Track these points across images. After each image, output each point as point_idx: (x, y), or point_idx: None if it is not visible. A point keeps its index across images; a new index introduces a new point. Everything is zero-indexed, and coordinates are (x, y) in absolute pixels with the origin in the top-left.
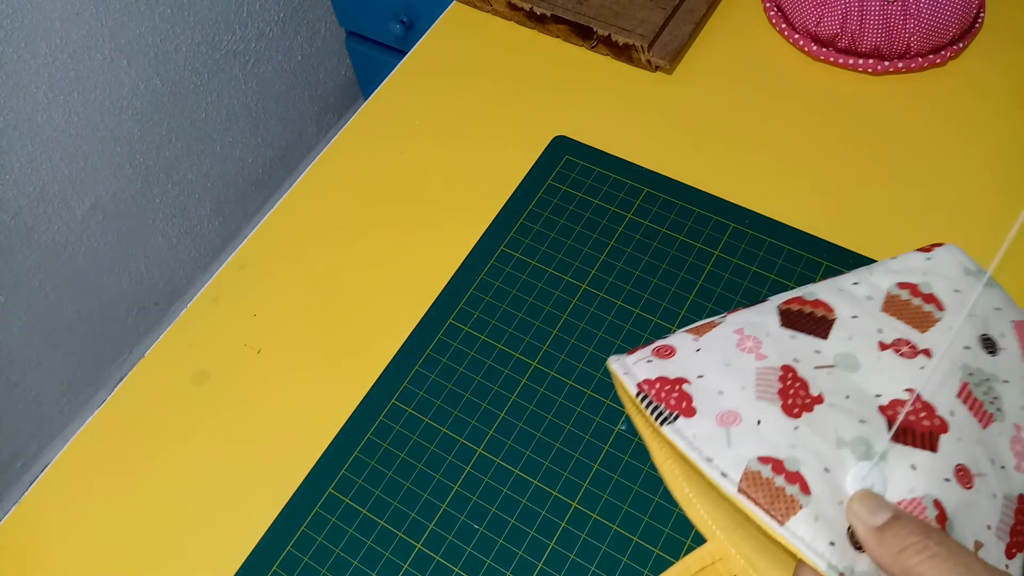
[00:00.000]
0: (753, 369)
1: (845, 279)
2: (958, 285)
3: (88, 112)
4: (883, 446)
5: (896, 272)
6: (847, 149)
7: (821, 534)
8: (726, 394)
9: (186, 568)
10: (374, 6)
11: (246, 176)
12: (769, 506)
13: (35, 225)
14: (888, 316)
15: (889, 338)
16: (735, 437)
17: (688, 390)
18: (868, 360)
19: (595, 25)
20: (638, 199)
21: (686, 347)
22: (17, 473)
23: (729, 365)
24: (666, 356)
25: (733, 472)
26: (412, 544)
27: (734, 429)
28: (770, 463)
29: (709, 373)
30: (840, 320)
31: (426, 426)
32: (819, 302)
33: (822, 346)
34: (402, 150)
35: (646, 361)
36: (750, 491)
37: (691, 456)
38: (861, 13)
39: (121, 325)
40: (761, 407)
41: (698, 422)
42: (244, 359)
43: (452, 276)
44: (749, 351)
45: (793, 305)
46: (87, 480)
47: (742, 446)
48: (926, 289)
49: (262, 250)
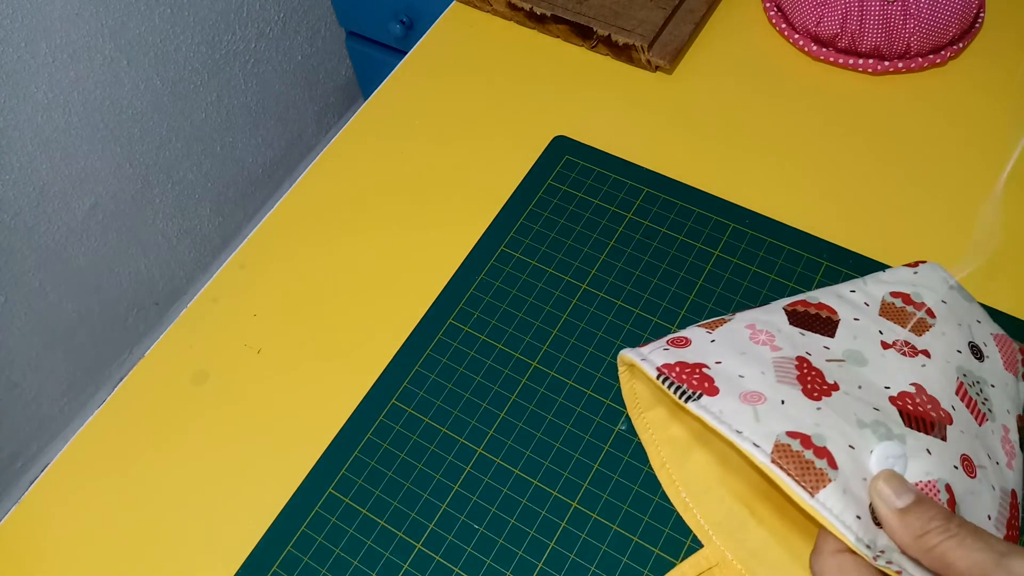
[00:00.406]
0: (769, 358)
1: (842, 287)
2: (944, 297)
3: (88, 112)
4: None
5: (888, 283)
6: (847, 149)
7: (849, 507)
8: (747, 378)
9: (186, 568)
10: (374, 6)
11: (246, 176)
12: (800, 477)
13: (35, 225)
14: (886, 320)
15: (890, 339)
16: (762, 413)
17: (708, 373)
18: (874, 356)
19: (595, 25)
20: (638, 199)
21: (700, 338)
22: (17, 473)
23: (745, 354)
24: (682, 345)
25: (764, 444)
26: (412, 544)
27: (760, 407)
28: (798, 438)
29: (727, 360)
30: (844, 321)
31: (426, 426)
32: (822, 305)
33: (830, 343)
34: (402, 150)
35: (662, 349)
36: (781, 462)
37: (720, 429)
38: (861, 13)
39: (121, 325)
40: (783, 389)
41: (723, 400)
42: (244, 359)
43: (452, 276)
44: (763, 343)
45: (798, 307)
46: (87, 480)
47: (770, 421)
48: (917, 299)
49: (262, 250)
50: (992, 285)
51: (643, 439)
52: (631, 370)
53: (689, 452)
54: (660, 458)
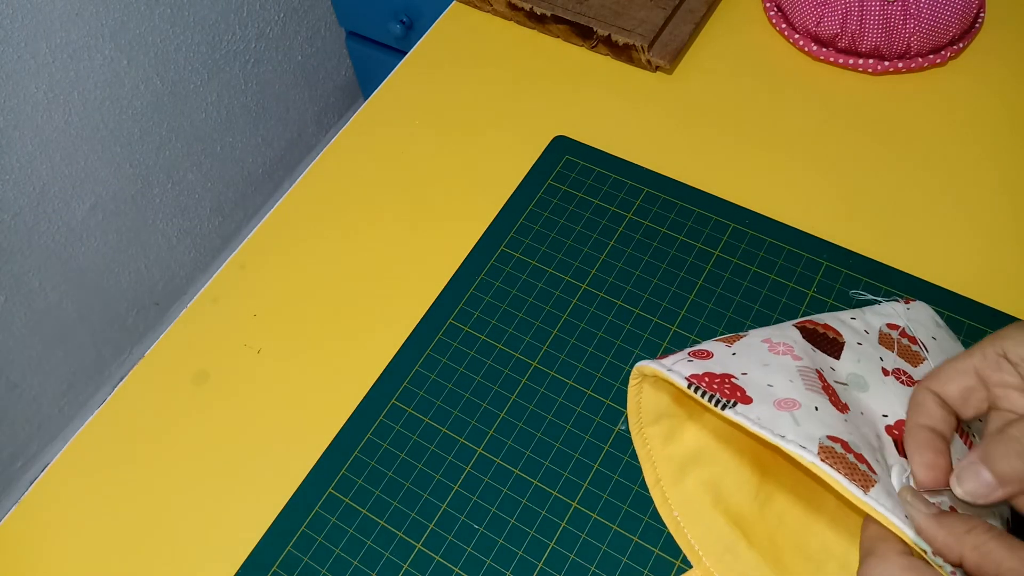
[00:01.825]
0: (794, 367)
1: (843, 314)
2: (934, 334)
3: (88, 112)
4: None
5: (884, 315)
6: (847, 149)
7: (898, 508)
8: (776, 387)
9: (186, 568)
10: (374, 6)
11: (246, 176)
12: (851, 476)
13: (35, 225)
14: (884, 348)
15: (889, 366)
16: (800, 419)
17: (738, 383)
18: (875, 382)
19: (595, 25)
20: (638, 199)
21: (721, 351)
22: (17, 473)
23: (768, 365)
24: (705, 357)
25: (810, 446)
26: (412, 544)
27: (797, 412)
28: (839, 443)
29: (752, 371)
30: (848, 344)
31: (426, 426)
32: (828, 326)
33: (836, 365)
34: (402, 150)
35: (686, 360)
36: (829, 462)
37: (763, 434)
38: (861, 13)
39: (121, 325)
40: (814, 397)
41: (758, 407)
42: (244, 359)
43: (452, 276)
44: (784, 353)
45: (807, 325)
46: (87, 480)
47: (808, 426)
48: (911, 332)
49: (262, 250)
50: (992, 285)
51: (640, 455)
52: (642, 383)
53: (685, 472)
54: (655, 475)
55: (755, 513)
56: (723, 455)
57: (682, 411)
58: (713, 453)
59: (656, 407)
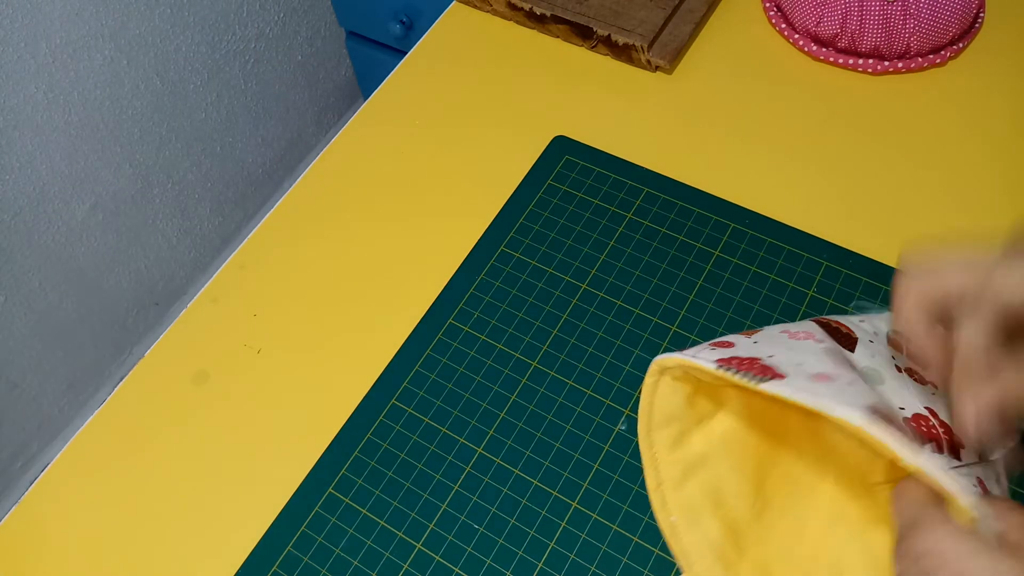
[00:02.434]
0: (819, 348)
1: (852, 317)
2: None
3: (88, 112)
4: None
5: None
6: (847, 149)
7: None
8: (806, 364)
9: (186, 568)
10: (374, 6)
11: (246, 176)
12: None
13: (35, 225)
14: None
15: (902, 365)
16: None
17: (768, 363)
18: (890, 376)
19: (595, 25)
20: (638, 199)
21: (742, 341)
22: (17, 473)
23: (793, 349)
24: (727, 346)
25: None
26: (412, 544)
27: (834, 384)
28: (879, 413)
29: (779, 354)
30: (861, 341)
31: (426, 426)
32: (840, 323)
33: (852, 358)
34: (402, 150)
35: (709, 348)
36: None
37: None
38: (861, 13)
39: (121, 325)
40: (846, 373)
41: (794, 380)
42: (244, 359)
43: (452, 276)
44: (805, 339)
45: (822, 320)
46: (87, 480)
47: (847, 396)
48: None
49: (262, 250)
50: None
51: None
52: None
53: (688, 476)
54: (657, 479)
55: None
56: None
57: (693, 415)
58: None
59: (669, 409)
